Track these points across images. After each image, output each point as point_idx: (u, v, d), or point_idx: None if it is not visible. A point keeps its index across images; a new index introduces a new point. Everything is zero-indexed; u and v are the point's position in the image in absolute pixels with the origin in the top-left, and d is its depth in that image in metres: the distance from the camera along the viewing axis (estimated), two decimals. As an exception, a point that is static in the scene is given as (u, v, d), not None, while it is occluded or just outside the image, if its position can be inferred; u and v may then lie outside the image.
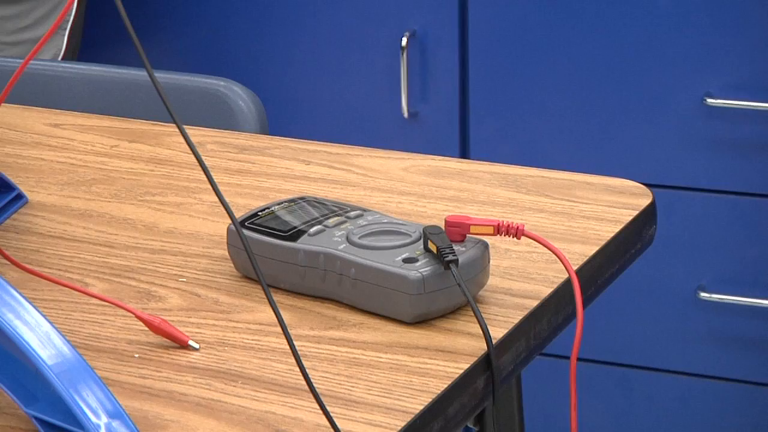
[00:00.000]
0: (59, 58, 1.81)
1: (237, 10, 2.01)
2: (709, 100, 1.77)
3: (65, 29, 1.83)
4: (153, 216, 1.04)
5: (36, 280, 0.90)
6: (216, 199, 0.76)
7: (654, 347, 1.91)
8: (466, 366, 0.79)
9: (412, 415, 0.73)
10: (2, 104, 0.90)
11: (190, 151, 0.75)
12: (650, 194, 1.04)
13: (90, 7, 1.96)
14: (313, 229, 0.89)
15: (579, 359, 0.88)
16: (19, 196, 1.03)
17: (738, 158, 1.80)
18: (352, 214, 0.92)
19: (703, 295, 1.84)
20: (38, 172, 1.12)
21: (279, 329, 0.73)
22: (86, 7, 1.95)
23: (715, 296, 1.84)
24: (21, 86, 1.19)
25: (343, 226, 0.90)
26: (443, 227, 0.87)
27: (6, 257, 0.90)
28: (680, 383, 1.91)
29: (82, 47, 1.97)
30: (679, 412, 1.93)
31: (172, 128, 1.14)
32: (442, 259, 0.84)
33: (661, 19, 1.81)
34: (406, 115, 1.92)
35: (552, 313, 0.89)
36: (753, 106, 1.76)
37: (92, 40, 2.00)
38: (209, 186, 0.76)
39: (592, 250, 0.95)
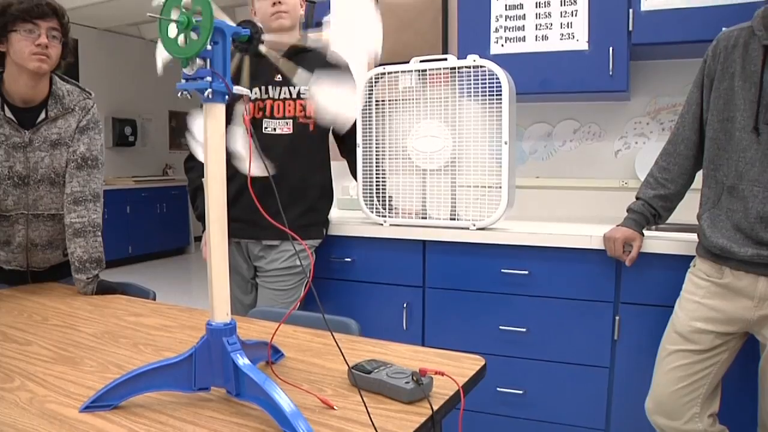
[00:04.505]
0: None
1: (354, 293, 1.94)
2: (501, 327, 1.70)
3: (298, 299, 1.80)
4: (323, 362, 0.97)
5: (283, 384, 0.85)
6: (343, 359, 0.73)
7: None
8: (425, 418, 0.75)
9: (407, 436, 0.70)
10: (282, 324, 0.86)
11: (335, 343, 0.73)
12: (483, 360, 0.98)
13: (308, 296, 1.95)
14: (375, 370, 0.84)
15: (465, 409, 0.80)
16: (282, 354, 0.99)
17: (508, 350, 1.68)
18: (389, 365, 0.87)
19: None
20: (288, 346, 1.06)
21: (362, 405, 0.71)
22: (307, 297, 1.93)
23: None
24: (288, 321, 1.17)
25: (384, 370, 0.84)
26: (419, 371, 0.82)
27: (275, 374, 0.88)
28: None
29: (302, 305, 1.94)
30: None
31: (329, 335, 1.11)
32: (418, 382, 0.80)
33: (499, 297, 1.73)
34: (405, 329, 1.86)
35: (454, 400, 0.83)
36: (516, 331, 1.68)
37: (306, 301, 1.98)
38: (340, 355, 0.73)
39: (465, 379, 0.87)
